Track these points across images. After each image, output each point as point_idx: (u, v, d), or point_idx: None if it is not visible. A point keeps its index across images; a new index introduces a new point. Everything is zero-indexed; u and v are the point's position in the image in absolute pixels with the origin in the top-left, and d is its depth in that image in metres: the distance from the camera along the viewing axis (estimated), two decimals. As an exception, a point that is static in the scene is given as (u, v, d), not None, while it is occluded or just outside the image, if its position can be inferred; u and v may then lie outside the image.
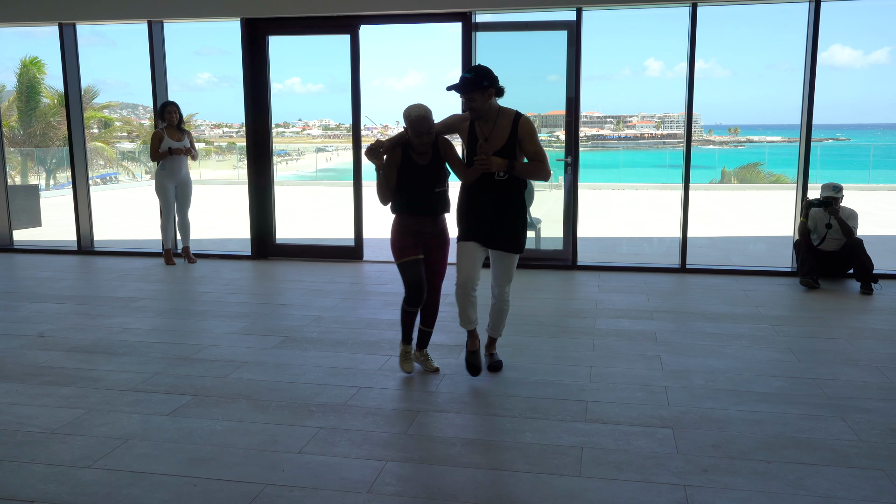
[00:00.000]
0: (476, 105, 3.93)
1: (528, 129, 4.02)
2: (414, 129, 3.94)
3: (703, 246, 9.44)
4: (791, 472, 3.18)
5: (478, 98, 3.91)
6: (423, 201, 4.14)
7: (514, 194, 4.12)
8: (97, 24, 8.52)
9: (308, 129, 45.22)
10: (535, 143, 4.03)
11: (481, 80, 3.89)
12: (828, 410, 3.86)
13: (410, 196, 4.13)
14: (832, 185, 6.79)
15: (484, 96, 3.92)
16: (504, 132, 4.02)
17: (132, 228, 11.58)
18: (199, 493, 3.03)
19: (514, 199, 4.13)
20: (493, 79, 3.94)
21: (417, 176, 4.10)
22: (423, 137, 3.97)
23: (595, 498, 2.98)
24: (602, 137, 58.00)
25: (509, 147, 4.03)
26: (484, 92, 3.90)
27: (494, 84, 3.94)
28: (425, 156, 4.10)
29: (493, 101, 3.99)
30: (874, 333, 5.28)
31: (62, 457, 3.37)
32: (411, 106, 3.95)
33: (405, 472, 3.22)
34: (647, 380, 4.33)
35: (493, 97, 3.97)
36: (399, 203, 4.18)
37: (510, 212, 4.13)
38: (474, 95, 3.91)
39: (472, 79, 3.90)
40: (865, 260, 6.58)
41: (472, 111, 3.98)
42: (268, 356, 4.81)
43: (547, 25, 7.62)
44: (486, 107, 3.97)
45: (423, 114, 3.94)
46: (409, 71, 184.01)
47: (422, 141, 3.98)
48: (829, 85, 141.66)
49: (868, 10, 27.97)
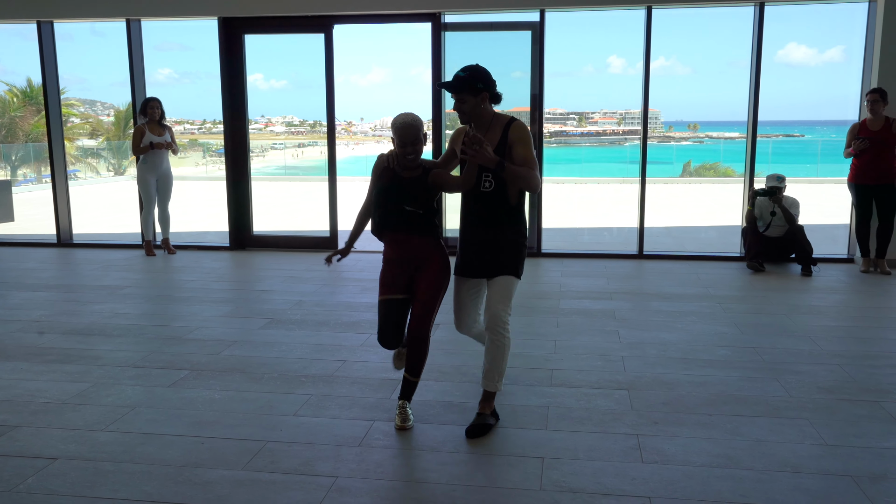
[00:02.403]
0: (466, 108, 3.49)
1: (520, 134, 3.52)
2: (399, 138, 3.48)
3: (660, 235, 9.98)
4: (729, 423, 3.65)
5: (468, 100, 3.48)
6: (391, 218, 3.59)
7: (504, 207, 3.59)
8: (76, 21, 8.72)
9: (271, 126, 45.16)
10: (528, 150, 3.50)
11: (475, 82, 3.47)
12: (764, 373, 4.35)
13: (387, 211, 3.59)
14: (776, 176, 7.35)
15: (476, 99, 3.49)
16: (496, 137, 3.54)
17: (101, 223, 11.74)
18: (206, 450, 3.38)
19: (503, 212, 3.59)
20: (489, 82, 3.53)
21: (391, 188, 3.57)
22: (408, 148, 3.47)
23: (560, 446, 3.41)
24: (565, 134, 58.81)
25: (499, 153, 3.49)
26: (476, 94, 3.48)
27: (489, 88, 3.52)
28: (414, 171, 3.58)
29: (487, 106, 3.55)
30: (810, 309, 5.81)
31: (76, 422, 3.69)
32: (399, 114, 3.54)
33: (392, 429, 3.60)
34: (606, 351, 4.78)
35: (486, 102, 3.53)
36: (375, 221, 3.67)
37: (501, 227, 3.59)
38: (465, 96, 3.47)
39: (465, 78, 3.48)
40: (806, 245, 7.15)
41: (461, 113, 3.52)
42: (256, 336, 5.15)
43: (512, 26, 8.05)
44: (478, 112, 3.52)
45: (410, 121, 3.47)
46: (373, 68, 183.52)
47: (406, 152, 3.48)
48: (786, 82, 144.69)
49: (823, 11, 28.79)
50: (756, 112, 7.66)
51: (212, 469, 3.19)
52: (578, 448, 3.38)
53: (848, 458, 3.26)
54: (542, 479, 3.08)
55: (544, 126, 8.10)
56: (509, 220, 3.60)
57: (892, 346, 4.90)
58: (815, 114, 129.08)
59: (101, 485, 3.05)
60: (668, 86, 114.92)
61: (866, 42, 7.44)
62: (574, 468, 3.19)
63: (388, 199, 3.57)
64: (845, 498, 2.91)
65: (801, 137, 54.17)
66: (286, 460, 3.27)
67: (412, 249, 3.59)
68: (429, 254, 3.60)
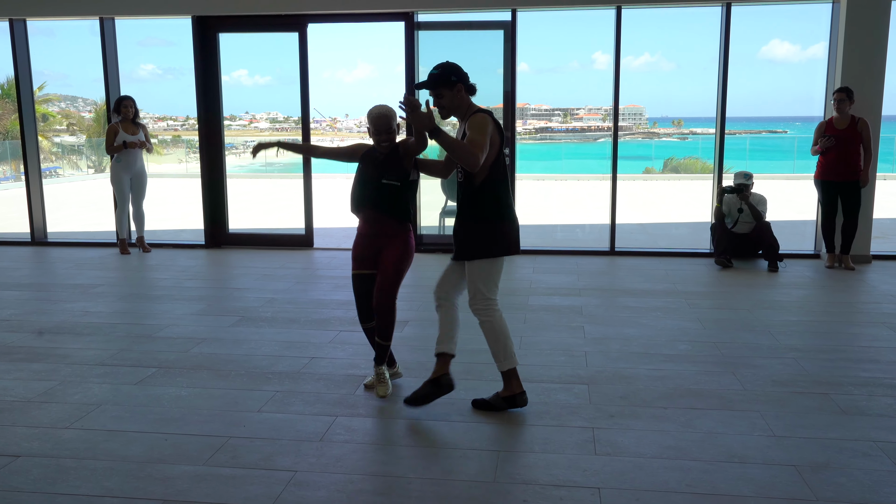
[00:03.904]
0: (444, 102, 3.72)
1: (475, 121, 3.68)
2: (374, 127, 3.91)
3: (634, 231, 10.10)
4: (683, 416, 3.74)
5: (445, 94, 3.71)
6: (369, 193, 3.99)
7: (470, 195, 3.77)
8: (48, 20, 8.69)
9: (255, 122, 44.99)
10: (476, 133, 3.65)
11: (448, 76, 3.71)
12: (721, 367, 4.46)
13: (362, 186, 4.02)
14: (743, 174, 7.48)
15: (452, 92, 3.72)
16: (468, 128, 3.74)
17: (79, 221, 11.71)
18: (169, 446, 3.44)
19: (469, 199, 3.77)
20: (462, 74, 3.76)
21: (369, 166, 4.02)
22: (382, 136, 3.92)
23: (516, 440, 3.49)
24: (550, 130, 59.05)
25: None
26: (452, 87, 3.71)
27: (463, 80, 3.75)
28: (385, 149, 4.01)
29: (464, 97, 3.76)
30: (773, 304, 5.93)
31: (41, 420, 3.73)
32: (374, 105, 3.98)
33: (354, 424, 3.68)
34: (569, 346, 4.87)
35: (462, 93, 3.75)
36: (353, 198, 4.09)
37: (462, 214, 3.81)
38: (442, 91, 3.70)
39: (438, 74, 3.72)
40: (772, 241, 7.28)
41: (440, 108, 3.75)
42: (225, 333, 5.20)
43: (485, 25, 8.12)
44: (456, 104, 3.74)
45: (384, 112, 3.92)
46: (358, 63, 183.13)
47: (381, 139, 3.93)
48: (770, 79, 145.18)
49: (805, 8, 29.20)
50: (724, 109, 7.79)
51: (173, 465, 3.25)
52: (535, 441, 3.47)
53: (794, 448, 3.36)
54: (496, 472, 3.16)
55: (529, 122, 8.23)
56: (471, 206, 3.77)
57: (848, 339, 5.03)
58: (798, 110, 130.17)
59: (62, 481, 3.10)
60: (653, 82, 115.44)
61: (830, 42, 7.58)
62: (528, 461, 3.27)
63: (366, 173, 4.00)
64: (787, 486, 3.01)
65: (784, 133, 54.69)
66: (247, 455, 3.33)
67: (382, 227, 3.99)
68: (395, 232, 3.99)
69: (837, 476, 3.10)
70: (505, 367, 3.83)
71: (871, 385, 4.15)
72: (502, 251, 3.81)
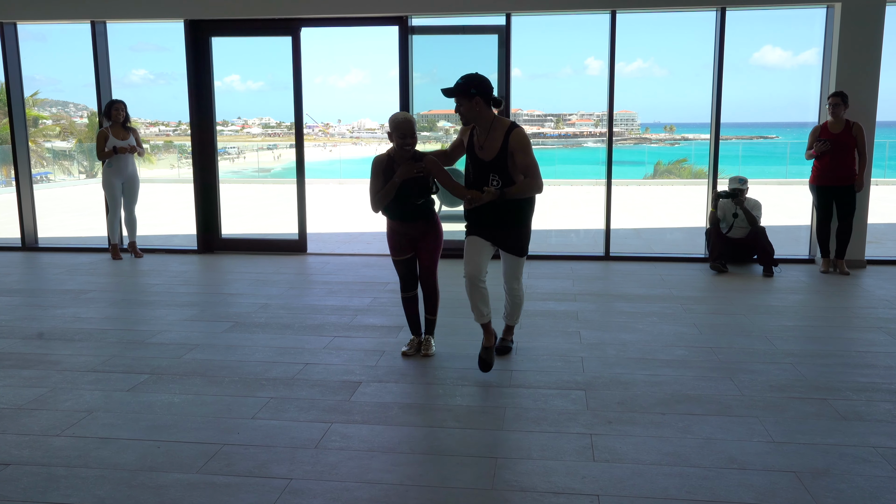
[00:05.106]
0: (462, 111, 4.02)
1: (519, 141, 4.03)
2: (399, 131, 4.22)
3: (630, 237, 10.09)
4: (681, 421, 3.72)
5: (463, 103, 3.97)
6: (409, 211, 4.44)
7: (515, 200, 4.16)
8: (39, 23, 8.63)
9: (248, 128, 44.86)
10: (528, 156, 4.03)
11: (468, 88, 3.95)
12: (719, 372, 4.43)
13: (397, 205, 4.42)
14: (738, 178, 7.48)
15: (470, 103, 3.97)
16: (497, 143, 4.06)
17: (71, 227, 11.63)
18: (162, 453, 3.39)
19: (512, 203, 4.17)
20: (484, 88, 3.98)
21: (404, 187, 4.35)
22: (407, 140, 4.24)
23: (514, 446, 3.45)
24: (542, 135, 59.07)
25: (500, 158, 4.08)
26: (470, 99, 3.96)
27: (483, 94, 3.97)
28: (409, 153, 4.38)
29: (484, 109, 4.04)
30: (769, 309, 5.92)
31: (32, 428, 3.67)
32: (397, 112, 4.32)
33: (349, 431, 3.63)
34: (566, 352, 4.84)
35: (481, 105, 4.01)
36: (388, 212, 4.51)
37: (508, 216, 4.19)
38: (460, 100, 3.98)
39: (459, 84, 3.99)
40: (767, 246, 7.27)
41: (460, 115, 4.08)
42: (219, 339, 5.15)
43: (479, 30, 8.10)
44: (475, 114, 4.02)
45: (408, 118, 4.26)
46: (351, 69, 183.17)
47: (405, 143, 4.24)
48: (762, 85, 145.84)
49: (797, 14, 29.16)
50: (719, 115, 7.79)
51: (166, 472, 3.20)
52: (532, 448, 3.43)
53: (793, 454, 3.33)
54: (494, 479, 3.12)
55: (522, 128, 8.17)
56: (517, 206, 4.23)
57: (845, 344, 5.01)
58: (790, 115, 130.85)
59: (53, 490, 3.05)
60: (645, 87, 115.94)
61: (825, 46, 7.59)
62: (526, 468, 3.23)
63: (400, 192, 4.36)
64: (788, 493, 2.99)
65: (775, 139, 54.93)
66: (241, 463, 3.28)
67: (414, 228, 4.52)
68: (426, 230, 4.53)
69: (838, 482, 3.07)
70: (513, 322, 4.79)
71: (870, 390, 4.13)
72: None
